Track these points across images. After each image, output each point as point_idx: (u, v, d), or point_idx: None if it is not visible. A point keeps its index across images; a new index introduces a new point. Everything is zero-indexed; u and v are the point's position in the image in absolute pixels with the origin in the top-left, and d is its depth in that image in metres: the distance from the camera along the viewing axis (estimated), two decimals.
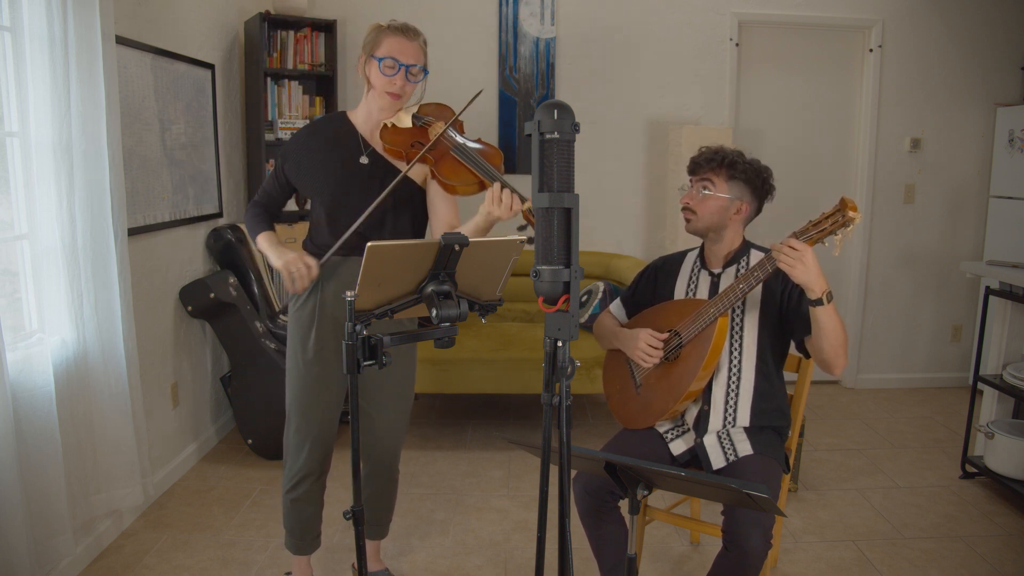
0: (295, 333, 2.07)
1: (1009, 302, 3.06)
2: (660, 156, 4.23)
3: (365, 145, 2.02)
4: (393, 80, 1.94)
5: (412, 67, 1.96)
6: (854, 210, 1.70)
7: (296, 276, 1.88)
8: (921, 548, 2.62)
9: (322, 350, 2.04)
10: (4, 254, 2.23)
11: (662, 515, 2.15)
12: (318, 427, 2.09)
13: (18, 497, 1.96)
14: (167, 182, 3.01)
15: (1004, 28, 4.24)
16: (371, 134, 2.04)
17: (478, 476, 3.18)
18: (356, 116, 2.07)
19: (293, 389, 2.08)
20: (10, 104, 2.15)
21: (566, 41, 4.12)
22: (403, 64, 1.94)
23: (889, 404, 4.21)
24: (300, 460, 2.10)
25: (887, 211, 4.36)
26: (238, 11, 3.72)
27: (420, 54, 1.98)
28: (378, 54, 1.94)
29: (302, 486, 2.12)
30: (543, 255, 1.21)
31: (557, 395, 1.26)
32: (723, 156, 1.99)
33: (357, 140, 2.03)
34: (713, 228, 2.02)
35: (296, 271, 1.88)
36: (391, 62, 1.93)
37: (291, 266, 1.88)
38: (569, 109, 1.20)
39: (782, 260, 1.76)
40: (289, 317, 2.10)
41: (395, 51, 1.93)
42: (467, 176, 1.94)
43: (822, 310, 1.78)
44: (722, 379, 2.01)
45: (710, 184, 2.00)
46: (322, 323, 2.04)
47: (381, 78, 1.95)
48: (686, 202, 2.04)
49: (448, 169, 1.94)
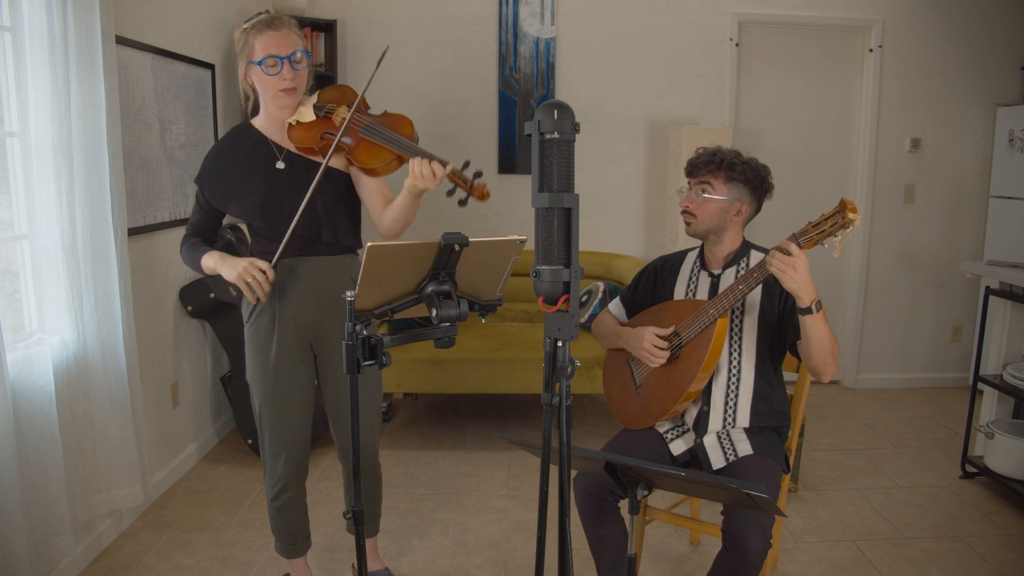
0: (254, 344, 2.02)
1: (1009, 302, 3.06)
2: (660, 156, 4.23)
3: (279, 150, 1.99)
4: (281, 77, 1.89)
5: (293, 55, 1.89)
6: (854, 211, 1.70)
7: (253, 284, 1.83)
8: (921, 548, 2.62)
9: (285, 357, 2.01)
10: (4, 254, 2.23)
11: (662, 515, 2.15)
12: (291, 435, 2.07)
13: (18, 497, 1.96)
14: (167, 182, 3.01)
15: (1004, 28, 4.24)
16: (280, 137, 1.99)
17: (478, 476, 3.18)
18: (260, 123, 2.02)
19: (260, 401, 2.05)
20: (10, 104, 2.15)
21: (566, 41, 4.12)
22: (283, 57, 1.87)
23: (889, 404, 4.21)
24: (278, 470, 2.09)
25: (887, 211, 4.36)
26: (238, 11, 3.72)
27: (295, 38, 1.91)
28: (255, 58, 1.88)
29: (285, 494, 2.11)
30: (543, 255, 1.21)
31: (557, 395, 1.26)
32: (721, 157, 1.98)
33: (268, 146, 1.99)
34: (714, 230, 2.02)
35: (252, 279, 1.83)
36: (271, 60, 1.87)
37: (246, 275, 1.83)
38: (569, 109, 1.20)
39: (773, 265, 1.75)
40: (246, 331, 2.05)
41: (270, 47, 1.86)
42: (384, 155, 1.91)
43: (810, 319, 1.78)
44: (722, 380, 2.01)
45: (709, 187, 1.99)
46: (283, 329, 2.00)
47: (268, 79, 1.89)
48: (686, 205, 2.03)
49: (364, 153, 1.91)
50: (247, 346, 2.06)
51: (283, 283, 1.99)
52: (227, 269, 1.88)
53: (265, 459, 2.10)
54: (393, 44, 3.91)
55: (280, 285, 1.99)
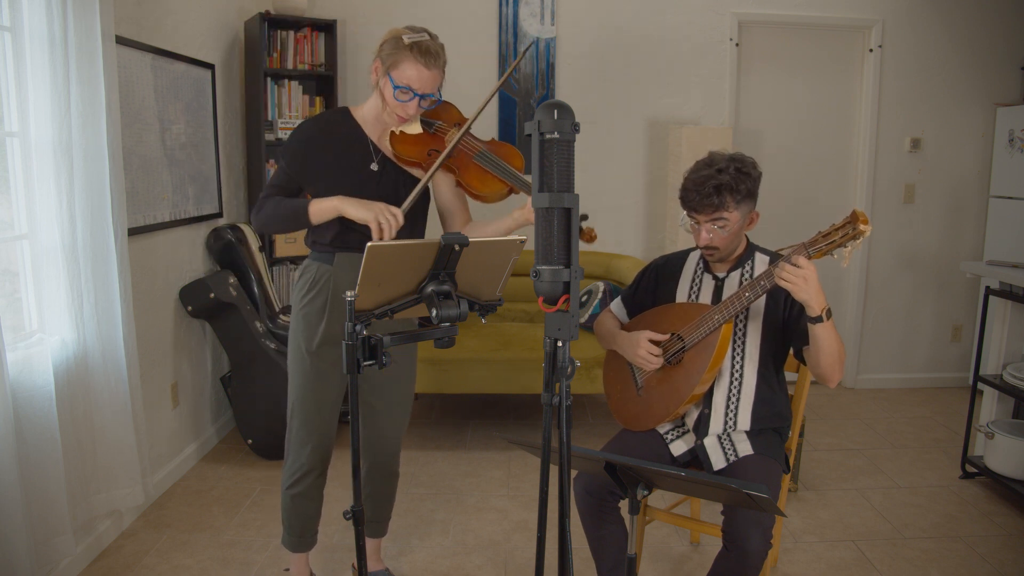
0: (300, 328, 2.04)
1: (1009, 302, 3.06)
2: (660, 156, 4.23)
3: (375, 151, 1.99)
4: (406, 107, 1.91)
5: (426, 96, 1.91)
6: (865, 223, 1.67)
7: (385, 224, 1.80)
8: (921, 548, 2.62)
9: (327, 345, 2.03)
10: (4, 254, 2.23)
11: (662, 515, 2.15)
12: (321, 422, 2.08)
13: (18, 497, 1.96)
14: (167, 182, 3.01)
15: (1004, 28, 4.24)
16: (379, 138, 2.01)
17: (478, 476, 3.18)
18: (361, 115, 2.02)
19: (296, 384, 2.07)
20: (10, 104, 2.15)
21: (566, 41, 4.12)
22: (419, 94, 1.89)
23: (889, 404, 4.21)
24: (303, 456, 2.09)
25: (887, 211, 4.36)
26: (238, 11, 3.72)
27: (438, 80, 1.92)
28: (395, 77, 1.87)
29: (304, 482, 2.12)
30: (543, 255, 1.21)
31: (557, 395, 1.26)
32: (718, 185, 1.88)
33: (366, 144, 1.99)
34: (734, 248, 2.01)
35: (386, 221, 1.80)
36: (407, 91, 1.88)
37: (380, 216, 1.79)
38: (569, 109, 1.20)
39: (784, 279, 1.72)
40: (294, 312, 2.06)
41: (413, 80, 1.87)
42: (497, 185, 1.93)
43: (820, 327, 1.77)
44: (724, 384, 2.01)
45: (724, 221, 1.92)
46: (332, 319, 2.02)
47: (393, 101, 1.91)
48: (708, 242, 1.95)
49: (476, 179, 1.92)
50: (292, 330, 2.06)
51: (339, 276, 2.00)
52: (356, 208, 1.82)
53: (290, 444, 2.11)
54: None
55: (335, 277, 2.00)
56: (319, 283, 2.01)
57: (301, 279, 2.06)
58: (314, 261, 2.04)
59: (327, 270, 2.01)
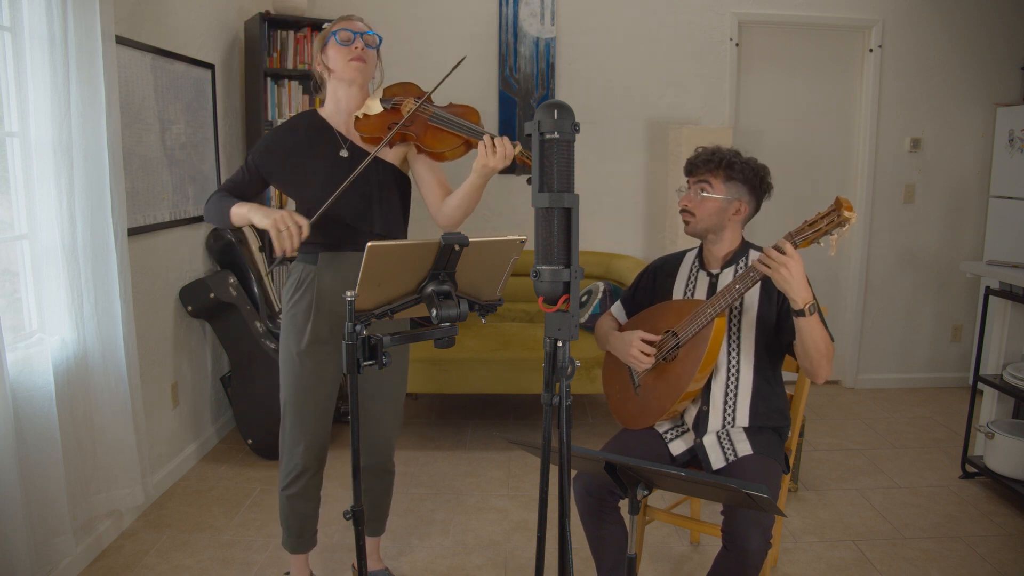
0: (289, 328, 2.06)
1: (1009, 302, 3.06)
2: (660, 156, 4.23)
3: (343, 139, 2.04)
4: (352, 47, 1.97)
5: (365, 33, 2.00)
6: (849, 210, 1.69)
7: (285, 234, 1.81)
8: (921, 548, 2.62)
9: (316, 344, 2.04)
10: (4, 254, 2.23)
11: (662, 515, 2.15)
12: (313, 422, 2.09)
13: (18, 497, 1.96)
14: (167, 182, 3.01)
15: (1004, 28, 4.24)
16: (346, 127, 2.05)
17: (478, 476, 3.18)
18: (326, 111, 2.08)
19: (287, 385, 2.08)
20: (10, 104, 2.15)
21: (566, 41, 4.12)
22: (357, 32, 1.98)
23: (889, 404, 4.21)
24: (296, 456, 2.10)
25: (887, 211, 4.36)
26: (238, 11, 3.72)
27: (368, 28, 2.03)
28: (332, 30, 2.00)
29: (299, 482, 2.12)
30: (543, 255, 1.21)
31: (557, 395, 1.26)
32: (720, 156, 1.99)
33: (333, 135, 2.04)
34: (712, 229, 2.02)
35: (285, 228, 1.81)
36: (346, 34, 1.97)
37: (280, 223, 1.80)
38: (569, 109, 1.20)
39: (763, 261, 1.75)
40: (283, 313, 2.09)
41: (346, 26, 1.99)
42: (452, 140, 1.97)
43: (804, 321, 1.78)
44: (721, 379, 2.01)
45: (708, 186, 1.99)
46: (319, 318, 2.04)
47: (340, 50, 1.98)
48: (684, 204, 2.03)
49: (432, 139, 1.97)
50: (282, 331, 2.09)
51: (323, 275, 2.03)
52: (260, 216, 1.89)
53: (284, 445, 2.11)
54: (392, 44, 3.91)
55: (320, 276, 2.03)
56: (304, 283, 2.03)
57: (289, 280, 2.08)
58: (300, 261, 2.06)
59: (312, 270, 2.03)
